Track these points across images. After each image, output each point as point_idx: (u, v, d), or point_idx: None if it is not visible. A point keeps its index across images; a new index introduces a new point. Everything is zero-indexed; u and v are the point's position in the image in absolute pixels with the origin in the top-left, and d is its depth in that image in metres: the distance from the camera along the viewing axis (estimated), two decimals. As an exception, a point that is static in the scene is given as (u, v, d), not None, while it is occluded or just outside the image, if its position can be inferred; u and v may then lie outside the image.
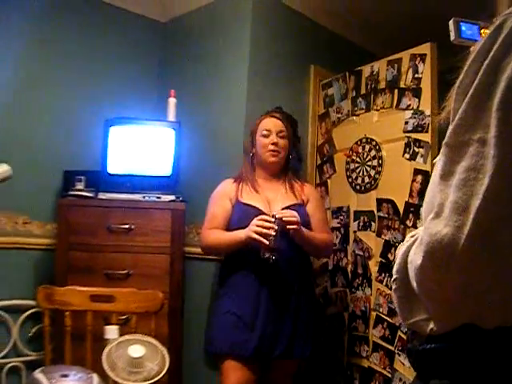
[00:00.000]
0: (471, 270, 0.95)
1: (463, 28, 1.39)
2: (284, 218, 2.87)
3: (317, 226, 3.18)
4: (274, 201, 3.14)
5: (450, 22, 1.39)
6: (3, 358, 3.54)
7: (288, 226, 2.89)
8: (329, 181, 4.09)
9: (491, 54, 0.98)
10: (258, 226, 2.85)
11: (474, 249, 0.93)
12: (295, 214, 2.95)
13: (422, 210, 1.21)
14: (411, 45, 3.50)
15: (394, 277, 1.14)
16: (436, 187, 1.02)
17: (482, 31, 1.38)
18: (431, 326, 1.06)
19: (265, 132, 3.21)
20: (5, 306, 3.58)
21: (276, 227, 2.83)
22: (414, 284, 1.03)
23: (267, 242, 2.80)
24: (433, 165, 1.23)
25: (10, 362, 3.56)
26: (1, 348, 3.55)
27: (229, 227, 3.11)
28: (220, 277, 3.22)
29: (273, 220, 2.86)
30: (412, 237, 1.13)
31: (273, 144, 3.18)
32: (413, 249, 1.06)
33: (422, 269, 0.99)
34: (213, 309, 3.22)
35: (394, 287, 1.16)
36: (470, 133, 0.96)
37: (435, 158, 1.22)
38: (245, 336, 2.93)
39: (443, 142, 1.00)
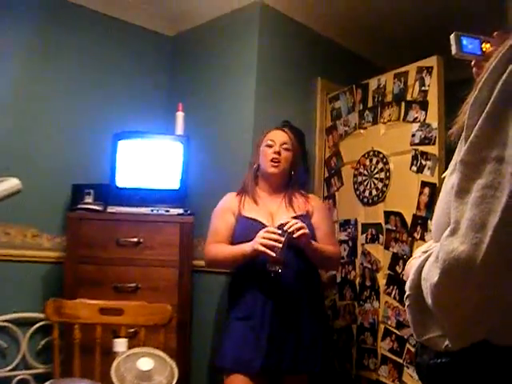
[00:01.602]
0: (489, 287, 0.95)
1: (464, 42, 1.39)
2: (291, 228, 2.82)
3: (323, 238, 3.12)
4: (277, 214, 3.10)
5: (451, 36, 1.39)
6: (12, 370, 3.55)
7: (296, 234, 2.82)
8: (336, 193, 4.09)
9: (508, 70, 0.98)
10: (264, 237, 2.81)
11: (491, 266, 0.93)
12: (302, 223, 2.89)
13: (432, 224, 1.21)
14: (418, 58, 3.51)
15: (408, 293, 1.13)
16: (450, 204, 1.02)
17: (483, 45, 1.39)
18: (446, 342, 1.06)
19: (269, 142, 3.19)
20: (14, 319, 3.59)
21: (282, 239, 2.79)
22: (429, 301, 1.02)
23: (274, 254, 2.75)
24: (442, 179, 1.23)
25: (18, 375, 3.56)
26: (10, 361, 3.56)
27: (232, 241, 3.08)
28: (229, 296, 3.17)
29: (279, 232, 2.82)
30: (424, 252, 1.12)
31: (274, 153, 3.14)
32: (427, 265, 1.05)
33: (439, 286, 0.98)
34: (223, 328, 3.16)
35: (407, 303, 1.15)
36: (486, 150, 0.96)
37: (443, 172, 1.22)
38: (252, 351, 2.87)
39: (459, 159, 1.00)
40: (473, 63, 1.41)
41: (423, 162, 3.40)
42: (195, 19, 4.29)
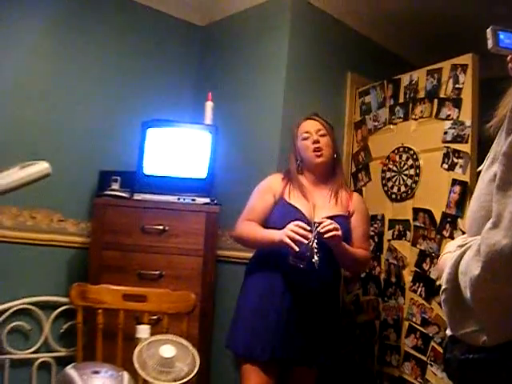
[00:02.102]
0: None
1: (501, 37, 1.37)
2: (323, 229, 2.79)
3: (358, 239, 3.09)
4: (320, 208, 3.04)
5: (488, 30, 1.37)
6: (34, 352, 3.58)
7: (327, 234, 2.79)
8: (363, 188, 4.06)
9: None
10: (292, 230, 2.77)
11: None
12: (336, 225, 2.84)
13: (467, 218, 1.18)
14: (449, 55, 3.48)
15: (444, 287, 1.11)
16: (488, 197, 1.00)
17: None
18: (484, 337, 1.04)
19: (305, 135, 3.15)
20: (37, 302, 3.62)
21: (310, 236, 2.76)
22: (468, 294, 1.01)
23: (297, 249, 2.72)
24: (478, 173, 1.20)
25: (40, 357, 3.60)
26: (32, 343, 3.59)
27: (268, 223, 3.04)
28: (246, 274, 3.16)
29: (308, 228, 2.79)
30: (460, 246, 1.11)
31: (314, 143, 3.11)
32: (465, 259, 1.03)
33: (480, 279, 0.97)
34: (236, 306, 3.14)
35: (442, 297, 1.13)
36: None
37: (479, 166, 1.20)
38: (264, 341, 2.89)
39: (501, 152, 0.98)
40: (509, 58, 1.39)
41: (455, 160, 3.37)
42: (226, 9, 4.29)
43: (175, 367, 2.28)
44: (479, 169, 1.20)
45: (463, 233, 3.13)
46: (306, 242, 2.74)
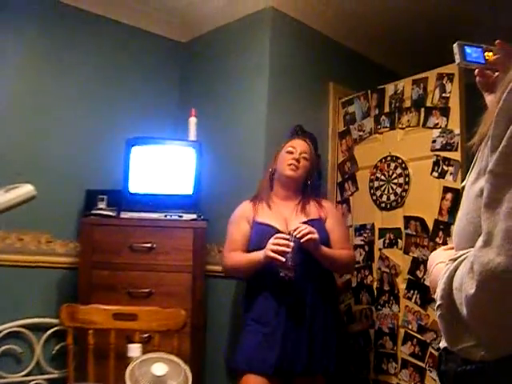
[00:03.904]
0: None
1: (468, 51, 1.39)
2: (299, 234, 2.88)
3: (336, 242, 3.18)
4: (291, 219, 3.13)
5: (454, 46, 1.39)
6: (27, 375, 3.56)
7: (303, 239, 2.88)
8: (351, 198, 4.07)
9: None
10: (274, 244, 2.87)
11: None
12: (312, 228, 2.93)
13: (454, 233, 1.20)
14: (433, 64, 3.51)
15: (439, 303, 1.11)
16: (476, 213, 1.01)
17: (485, 54, 1.39)
18: (482, 352, 1.04)
19: (290, 149, 3.25)
20: (28, 324, 3.61)
21: (292, 244, 2.84)
22: (465, 311, 1.01)
23: (283, 259, 2.82)
24: (462, 189, 1.22)
25: (33, 380, 3.58)
26: (24, 366, 3.57)
27: (248, 248, 3.13)
28: (244, 302, 3.22)
29: (288, 237, 2.88)
30: (452, 260, 1.11)
31: (293, 159, 3.20)
32: (459, 275, 1.04)
33: (476, 298, 0.97)
34: (241, 334, 3.18)
35: (438, 313, 1.13)
36: None
37: (463, 181, 1.21)
38: (266, 353, 2.93)
39: (488, 170, 0.99)
40: (476, 72, 1.40)
41: (445, 168, 3.41)
42: (207, 25, 4.30)
43: (168, 385, 2.27)
44: (463, 184, 1.21)
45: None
46: (290, 250, 2.82)
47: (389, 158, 3.82)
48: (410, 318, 3.51)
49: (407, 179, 3.67)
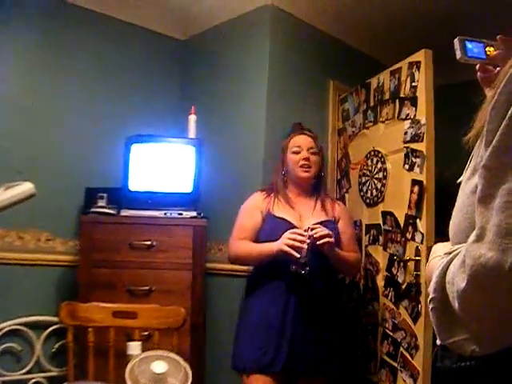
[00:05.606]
0: None
1: (469, 46, 1.38)
2: (316, 234, 2.87)
3: (346, 243, 3.18)
4: (306, 216, 3.12)
5: (455, 41, 1.38)
6: (26, 373, 3.57)
7: (319, 242, 2.87)
8: (346, 195, 4.05)
9: None
10: (289, 238, 2.85)
11: None
12: (329, 231, 2.92)
13: (451, 228, 1.19)
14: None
15: (431, 296, 1.12)
16: (471, 208, 1.01)
17: (487, 49, 1.38)
18: (473, 347, 1.04)
19: (295, 149, 3.22)
20: (28, 322, 3.61)
21: (308, 241, 2.84)
22: (456, 305, 1.01)
23: (298, 255, 2.80)
24: (458, 184, 1.21)
25: (33, 378, 3.58)
26: (24, 364, 3.58)
27: (259, 239, 3.10)
28: (247, 289, 3.20)
29: (305, 234, 2.87)
30: (447, 254, 1.11)
31: (304, 159, 3.18)
32: (451, 269, 1.04)
33: (467, 292, 0.98)
34: (239, 323, 3.18)
35: (430, 306, 1.13)
36: (510, 155, 0.96)
37: (460, 177, 1.21)
38: (273, 352, 2.91)
39: (481, 165, 0.99)
40: (477, 67, 1.40)
41: (413, 160, 3.27)
42: (206, 23, 4.30)
43: (167, 383, 2.27)
44: (459, 180, 1.21)
45: (423, 234, 3.10)
46: (306, 246, 2.81)
47: (372, 153, 3.73)
48: (387, 315, 3.41)
49: (385, 173, 3.56)
